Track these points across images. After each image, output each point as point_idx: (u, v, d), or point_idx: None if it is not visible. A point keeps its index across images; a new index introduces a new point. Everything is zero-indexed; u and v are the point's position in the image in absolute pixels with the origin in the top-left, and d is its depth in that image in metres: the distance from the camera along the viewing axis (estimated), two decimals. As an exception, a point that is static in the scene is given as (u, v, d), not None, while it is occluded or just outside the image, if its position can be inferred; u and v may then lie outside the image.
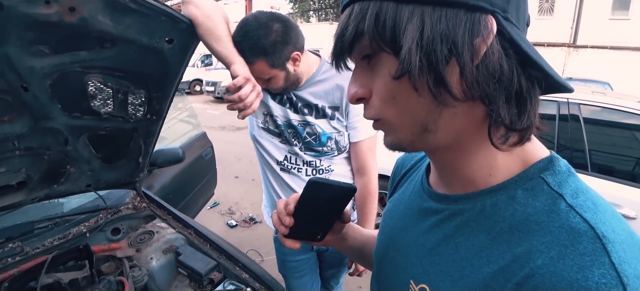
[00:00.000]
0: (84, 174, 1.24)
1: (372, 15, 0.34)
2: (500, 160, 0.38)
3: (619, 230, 0.31)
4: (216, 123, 7.99)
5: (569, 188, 0.35)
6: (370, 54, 0.37)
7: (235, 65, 0.88)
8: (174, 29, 0.86)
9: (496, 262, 0.35)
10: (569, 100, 2.17)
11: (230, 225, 3.28)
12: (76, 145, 1.10)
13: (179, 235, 1.35)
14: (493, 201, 0.38)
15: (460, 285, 0.37)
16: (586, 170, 2.04)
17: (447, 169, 0.43)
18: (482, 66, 0.33)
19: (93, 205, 1.47)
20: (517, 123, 0.35)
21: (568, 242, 0.31)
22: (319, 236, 0.62)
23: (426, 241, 0.44)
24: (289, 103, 1.19)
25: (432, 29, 0.32)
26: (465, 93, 0.34)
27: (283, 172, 1.28)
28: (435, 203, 0.45)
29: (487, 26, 0.32)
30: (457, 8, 0.32)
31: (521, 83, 0.34)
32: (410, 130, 0.38)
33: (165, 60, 0.94)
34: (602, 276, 0.28)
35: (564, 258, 0.30)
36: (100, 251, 1.26)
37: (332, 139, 1.20)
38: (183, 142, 2.50)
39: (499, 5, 0.33)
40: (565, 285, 0.29)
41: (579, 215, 0.32)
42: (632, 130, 2.15)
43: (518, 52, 0.34)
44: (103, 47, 0.84)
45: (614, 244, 0.30)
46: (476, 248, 0.37)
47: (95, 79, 0.93)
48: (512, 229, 0.35)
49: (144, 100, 1.09)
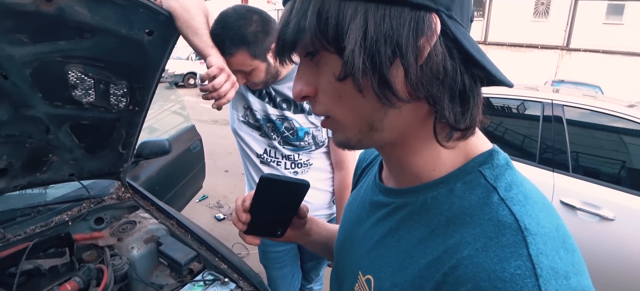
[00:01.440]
0: (66, 163, 1.25)
1: (313, 13, 0.33)
2: (444, 155, 0.39)
3: (545, 223, 0.32)
4: (208, 116, 7.96)
5: (503, 182, 0.36)
6: (312, 51, 0.36)
7: (211, 57, 0.89)
8: (153, 20, 0.88)
9: (431, 253, 0.36)
10: (553, 101, 2.20)
11: (218, 218, 3.30)
12: (58, 134, 1.11)
13: (161, 226, 1.36)
14: (434, 194, 0.39)
15: (400, 276, 0.39)
16: (567, 171, 2.07)
17: (395, 164, 0.44)
18: (426, 67, 0.33)
19: (77, 194, 1.48)
20: (461, 122, 0.35)
21: (493, 234, 0.32)
22: (278, 232, 0.62)
23: (374, 233, 0.45)
24: (268, 97, 1.20)
25: (376, 29, 0.32)
26: (410, 93, 0.34)
27: (263, 164, 1.30)
28: (384, 197, 0.46)
29: (431, 25, 0.32)
30: (402, 6, 0.32)
31: (464, 82, 0.35)
32: (358, 128, 0.38)
33: (145, 51, 0.96)
34: (517, 268, 0.29)
35: (487, 250, 0.31)
36: (82, 240, 1.27)
37: (309, 134, 1.21)
38: (171, 134, 2.51)
39: (443, 3, 0.33)
40: (484, 275, 0.30)
41: (508, 207, 0.33)
42: (617, 133, 2.18)
43: (461, 51, 0.34)
44: (82, 37, 0.85)
45: (534, 236, 0.31)
46: (416, 240, 0.39)
47: (76, 69, 0.94)
48: (448, 222, 0.36)
49: (126, 91, 1.10)
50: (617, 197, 1.94)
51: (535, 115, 2.28)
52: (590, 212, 1.94)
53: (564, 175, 2.06)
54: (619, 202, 1.92)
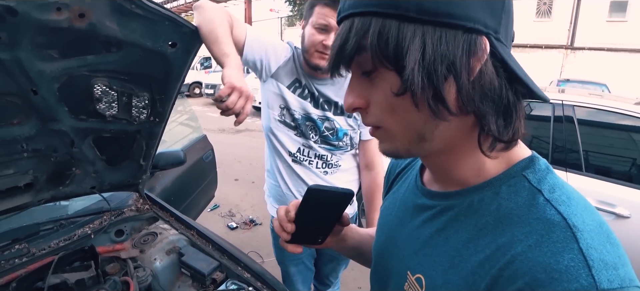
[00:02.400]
0: (88, 176, 1.27)
1: (374, 33, 0.35)
2: (487, 162, 0.42)
3: (589, 221, 0.35)
4: (215, 125, 8.01)
5: (546, 184, 0.38)
6: (370, 70, 0.38)
7: (226, 69, 0.87)
8: (177, 33, 0.89)
9: (482, 251, 0.38)
10: (563, 101, 2.19)
11: (231, 227, 3.30)
12: (82, 147, 1.13)
13: (182, 237, 1.37)
14: (480, 197, 0.41)
15: (451, 273, 0.41)
16: (580, 171, 2.06)
17: (440, 171, 0.46)
18: (476, 84, 0.36)
19: (97, 207, 1.49)
20: (504, 135, 0.38)
21: (544, 232, 0.35)
22: (319, 240, 0.64)
23: (420, 234, 0.48)
24: (311, 97, 1.25)
25: (433, 50, 0.34)
26: (460, 108, 0.37)
27: (295, 163, 1.33)
28: (428, 200, 0.48)
29: (481, 47, 0.35)
30: (456, 29, 0.35)
31: (509, 97, 0.38)
32: (408, 139, 0.41)
33: (168, 62, 0.97)
34: (571, 260, 0.32)
35: (539, 246, 0.34)
36: (105, 253, 1.28)
37: (347, 135, 1.28)
38: (184, 144, 2.53)
39: (492, 27, 0.36)
40: (540, 268, 0.33)
41: (554, 208, 0.36)
42: (627, 131, 2.18)
43: (506, 69, 0.37)
44: (109, 51, 0.87)
45: (582, 233, 0.33)
46: (465, 239, 0.41)
47: (101, 82, 0.96)
48: (496, 222, 0.39)
49: (148, 103, 1.12)
50: (631, 195, 1.93)
51: (546, 115, 2.27)
52: (606, 210, 1.93)
53: (577, 175, 2.05)
54: (633, 199, 1.92)
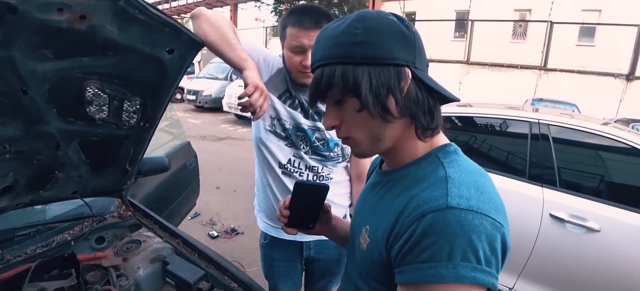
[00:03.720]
0: (71, 180, 1.22)
1: (339, 75, 0.56)
2: (419, 147, 0.63)
3: (466, 176, 0.54)
4: (197, 132, 7.88)
5: (448, 159, 0.59)
6: (340, 99, 0.59)
7: (247, 71, 0.95)
8: (176, 40, 0.89)
9: (401, 200, 0.57)
10: (539, 120, 2.30)
11: (212, 236, 3.24)
12: (67, 151, 1.09)
13: (166, 245, 1.34)
14: (409, 170, 0.63)
15: (383, 219, 0.60)
16: (555, 186, 2.16)
17: (391, 157, 0.67)
18: (407, 97, 0.57)
19: (77, 212, 1.44)
20: (431, 125, 0.59)
21: (433, 181, 0.55)
22: (310, 226, 0.82)
23: (372, 201, 0.69)
24: (301, 107, 1.24)
25: (377, 80, 0.55)
26: (400, 113, 0.57)
27: (284, 175, 1.30)
28: (380, 178, 0.70)
29: (405, 74, 0.56)
30: (388, 65, 0.55)
31: (430, 102, 0.59)
32: (369, 142, 0.62)
33: (164, 69, 0.96)
34: (438, 193, 0.51)
35: (427, 189, 0.54)
36: (85, 260, 1.23)
37: (338, 146, 1.27)
38: (167, 150, 2.48)
39: (410, 60, 0.57)
40: (422, 200, 0.52)
41: (445, 169, 0.56)
42: (596, 149, 2.31)
43: (425, 85, 0.58)
44: (105, 55, 0.86)
45: (453, 180, 0.53)
46: (394, 196, 0.61)
47: (94, 85, 0.94)
48: (413, 183, 0.59)
49: (139, 108, 1.10)
50: (601, 209, 2.03)
51: (523, 133, 2.37)
52: (578, 223, 2.02)
53: (552, 190, 2.15)
54: (603, 213, 2.01)
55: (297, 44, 1.12)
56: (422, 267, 0.49)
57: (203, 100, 10.75)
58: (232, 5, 17.46)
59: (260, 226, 1.49)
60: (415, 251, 0.50)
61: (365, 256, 0.63)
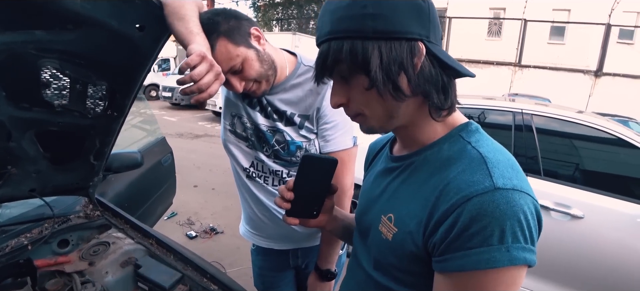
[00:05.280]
0: (28, 177, 1.09)
1: (347, 50, 0.51)
2: (437, 128, 0.59)
3: (499, 156, 0.51)
4: (173, 130, 7.61)
5: (473, 138, 0.56)
6: (347, 76, 0.55)
7: (193, 44, 0.76)
8: (148, 14, 0.78)
9: (432, 185, 0.53)
10: (523, 110, 2.31)
11: (190, 236, 3.09)
12: (21, 142, 0.96)
13: (138, 246, 1.22)
14: (431, 152, 0.59)
15: (412, 205, 0.56)
16: (539, 175, 2.17)
17: (407, 138, 0.63)
18: (420, 74, 0.53)
19: (37, 213, 1.30)
20: (445, 104, 0.55)
21: (467, 164, 0.51)
22: (314, 212, 0.73)
23: (391, 187, 0.64)
24: (260, 105, 1.09)
25: (388, 56, 0.50)
26: (412, 91, 0.53)
27: (249, 179, 1.18)
28: (396, 163, 0.65)
29: (419, 49, 0.51)
30: (400, 40, 0.51)
31: (444, 79, 0.54)
32: (382, 119, 0.57)
33: (134, 49, 0.86)
34: (480, 175, 0.48)
35: (464, 172, 0.50)
36: (45, 266, 1.10)
37: (301, 148, 1.08)
38: (141, 146, 2.33)
39: (424, 34, 0.52)
40: (462, 183, 0.49)
41: (476, 150, 0.53)
42: (577, 139, 2.35)
43: (439, 60, 0.53)
44: (65, 28, 0.74)
45: (491, 160, 0.50)
46: (421, 181, 0.57)
47: (51, 65, 0.82)
48: (441, 166, 0.55)
49: (105, 94, 0.98)
50: (583, 196, 2.08)
51: (507, 124, 2.38)
52: (562, 211, 2.06)
53: (536, 179, 2.17)
54: (585, 200, 2.06)
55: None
56: (473, 253, 0.46)
57: (179, 98, 10.43)
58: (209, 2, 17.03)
59: (240, 231, 1.37)
60: (463, 237, 0.47)
61: (392, 247, 0.58)
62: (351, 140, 1.08)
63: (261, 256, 1.33)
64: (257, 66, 0.94)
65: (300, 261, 1.27)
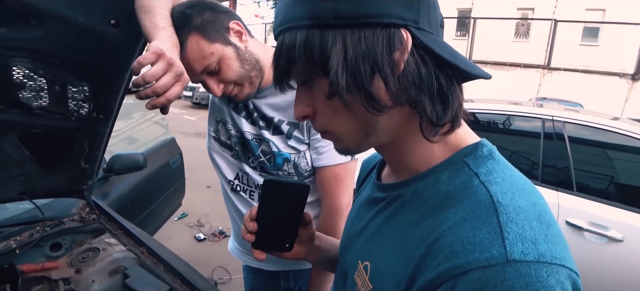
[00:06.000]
0: (14, 179, 1.06)
1: (301, 44, 0.38)
2: (436, 149, 0.43)
3: (520, 200, 0.35)
4: (192, 129, 7.72)
5: (484, 168, 0.39)
6: (306, 79, 0.41)
7: (155, 41, 0.65)
8: (119, 8, 0.72)
9: (420, 234, 0.39)
10: (554, 117, 2.12)
11: (198, 238, 3.07)
12: (1, 145, 0.92)
13: (129, 254, 1.17)
14: (423, 184, 0.43)
15: (393, 257, 0.42)
16: (572, 190, 1.98)
17: (395, 161, 0.48)
18: (402, 77, 0.37)
19: (30, 215, 1.27)
20: (442, 118, 0.39)
21: (471, 210, 0.35)
22: (287, 245, 0.62)
23: (372, 225, 0.49)
24: (246, 111, 0.97)
25: (354, 51, 0.36)
26: (393, 100, 0.38)
27: (233, 193, 1.07)
28: (381, 193, 0.50)
29: (401, 40, 0.36)
30: (373, 27, 0.36)
31: (441, 82, 0.38)
32: (355, 136, 0.42)
33: (110, 47, 0.79)
34: (487, 233, 0.33)
35: (463, 222, 0.35)
36: (31, 272, 1.06)
37: (290, 162, 0.96)
38: (149, 147, 2.31)
39: (410, 17, 0.37)
40: (458, 242, 0.33)
41: (485, 188, 0.36)
42: (618, 150, 2.13)
43: (433, 55, 0.38)
44: (28, 24, 0.69)
45: (506, 208, 0.34)
46: (408, 224, 0.42)
47: (22, 65, 0.77)
48: (435, 206, 0.40)
49: (88, 95, 0.93)
50: (624, 217, 1.85)
51: (535, 131, 2.20)
52: (599, 232, 1.84)
53: (568, 194, 1.97)
54: (626, 221, 1.83)
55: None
56: None
57: (199, 97, 10.61)
58: (232, 2, 17.29)
59: (229, 248, 1.26)
60: None
61: None
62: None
63: (252, 276, 1.23)
64: (236, 66, 0.83)
65: (292, 284, 1.16)
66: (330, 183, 0.95)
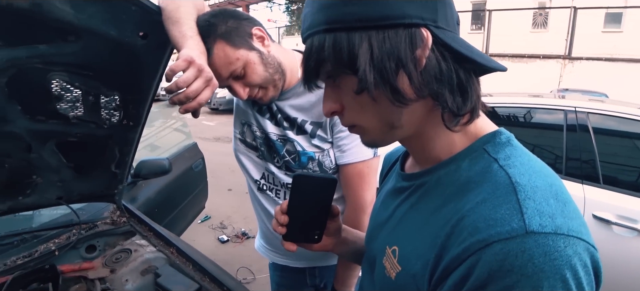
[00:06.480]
0: (53, 185, 1.12)
1: (330, 46, 0.41)
2: (456, 138, 0.47)
3: (537, 181, 0.38)
4: (211, 134, 7.87)
5: (503, 154, 0.43)
6: (334, 75, 0.45)
7: (184, 49, 0.70)
8: (147, 20, 0.76)
9: (444, 216, 0.42)
10: (577, 108, 2.07)
11: (222, 240, 3.14)
12: (41, 153, 0.99)
13: (159, 254, 1.22)
14: (446, 171, 0.46)
15: (418, 240, 0.45)
16: (598, 183, 1.92)
17: (418, 152, 0.51)
18: (425, 72, 0.41)
19: (66, 219, 1.34)
20: (462, 109, 0.43)
21: (491, 191, 0.39)
22: (316, 236, 0.65)
23: (398, 213, 0.53)
24: (270, 112, 1.01)
25: (380, 50, 0.40)
26: (416, 94, 0.41)
27: (260, 192, 1.11)
28: (405, 182, 0.54)
29: (422, 38, 0.40)
30: (396, 27, 0.40)
31: (460, 76, 0.42)
32: (380, 129, 0.46)
33: (140, 57, 0.84)
34: (507, 210, 0.36)
35: (485, 202, 0.38)
36: (70, 272, 1.13)
37: (314, 160, 0.98)
38: (172, 152, 2.38)
39: (429, 17, 0.41)
40: (481, 219, 0.37)
41: (504, 171, 0.40)
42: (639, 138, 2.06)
43: (452, 51, 0.41)
44: (66, 40, 0.74)
45: (523, 187, 0.37)
46: (432, 209, 0.45)
47: (60, 78, 0.83)
48: (457, 190, 0.43)
49: (119, 104, 0.98)
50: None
51: (557, 124, 2.15)
52: (627, 226, 1.79)
53: (594, 187, 1.92)
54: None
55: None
56: None
57: (217, 102, 10.79)
58: (244, 6, 17.53)
59: (255, 246, 1.31)
60: None
61: (395, 288, 0.48)
62: (371, 151, 0.97)
63: (279, 273, 1.27)
64: (261, 70, 0.87)
65: (318, 280, 1.19)
66: (353, 180, 0.98)
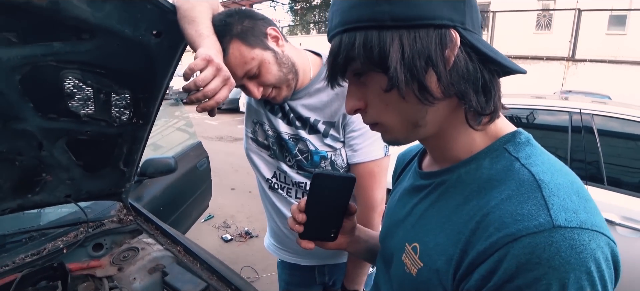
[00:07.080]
0: (62, 183, 1.13)
1: (360, 44, 0.42)
2: (477, 138, 0.48)
3: (559, 178, 0.40)
4: (214, 133, 7.88)
5: (524, 153, 0.44)
6: (361, 72, 0.45)
7: (201, 48, 0.70)
8: (162, 19, 0.77)
9: (467, 213, 0.43)
10: (581, 110, 2.07)
11: (225, 239, 3.14)
12: (52, 151, 0.99)
13: (167, 253, 1.22)
14: (466, 169, 0.47)
15: (441, 236, 0.46)
16: (602, 184, 1.93)
17: (438, 151, 0.52)
18: (453, 71, 0.42)
19: (74, 217, 1.35)
20: (485, 109, 0.44)
21: (515, 188, 0.40)
22: (332, 235, 0.66)
23: (417, 210, 0.53)
24: (282, 112, 1.02)
25: (411, 49, 0.41)
26: (443, 92, 0.43)
27: (271, 191, 1.12)
28: (424, 180, 0.55)
29: (451, 39, 0.41)
30: (427, 28, 0.41)
31: (485, 77, 0.44)
32: (404, 128, 0.47)
33: (153, 56, 0.84)
34: (533, 205, 0.37)
35: (510, 199, 0.39)
36: (78, 270, 1.13)
37: (326, 159, 0.99)
38: (177, 151, 2.39)
39: (458, 19, 0.42)
40: (507, 214, 0.38)
41: (527, 169, 0.41)
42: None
43: (478, 52, 0.43)
44: (80, 39, 0.74)
45: (547, 184, 0.39)
46: (453, 206, 0.46)
47: (73, 76, 0.83)
48: (479, 188, 0.44)
49: (129, 102, 0.99)
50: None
51: (562, 125, 2.15)
52: (632, 227, 1.79)
53: (598, 188, 1.92)
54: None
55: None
56: None
57: (220, 102, 10.79)
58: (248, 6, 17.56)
59: (265, 244, 1.31)
60: (506, 289, 0.36)
61: (416, 285, 0.48)
62: (382, 150, 0.97)
63: (287, 271, 1.28)
64: (275, 69, 0.87)
65: (327, 278, 1.20)
66: (364, 179, 0.98)
